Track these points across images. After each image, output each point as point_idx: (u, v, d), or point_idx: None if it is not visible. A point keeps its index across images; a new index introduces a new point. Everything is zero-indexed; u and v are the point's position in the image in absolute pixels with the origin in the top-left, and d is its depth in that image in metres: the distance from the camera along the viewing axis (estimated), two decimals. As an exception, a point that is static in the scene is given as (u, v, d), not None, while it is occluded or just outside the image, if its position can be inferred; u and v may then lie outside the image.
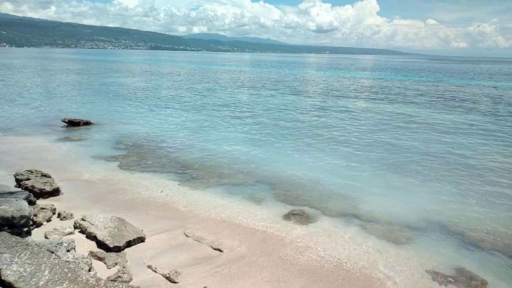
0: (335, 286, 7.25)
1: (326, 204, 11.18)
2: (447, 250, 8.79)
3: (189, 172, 13.85)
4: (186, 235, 8.98)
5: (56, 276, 4.95)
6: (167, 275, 7.13)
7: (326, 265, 7.99)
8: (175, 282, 6.99)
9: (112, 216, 8.92)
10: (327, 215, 10.55)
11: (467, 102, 33.92)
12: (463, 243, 9.14)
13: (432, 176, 13.70)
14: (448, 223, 10.04)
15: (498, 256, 8.57)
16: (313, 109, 29.06)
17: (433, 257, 8.47)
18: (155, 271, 7.32)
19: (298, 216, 10.23)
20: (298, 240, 9.02)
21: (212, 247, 8.46)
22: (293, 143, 18.34)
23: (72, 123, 21.25)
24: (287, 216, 10.30)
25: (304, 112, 27.95)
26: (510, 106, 30.63)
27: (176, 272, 7.22)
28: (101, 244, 8.00)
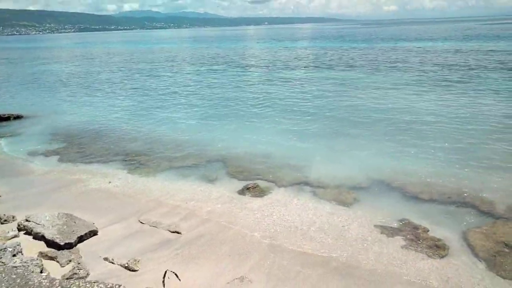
0: (293, 249, 7.59)
1: (278, 175, 11.49)
2: (391, 205, 9.50)
3: (137, 159, 13.45)
4: (141, 222, 8.83)
5: (3, 284, 4.68)
6: (126, 265, 7.03)
7: (283, 232, 8.31)
8: (135, 271, 6.92)
9: (59, 213, 8.49)
10: (280, 185, 10.87)
11: (399, 63, 35.81)
12: (405, 196, 9.92)
13: (373, 136, 14.52)
14: (390, 179, 10.79)
15: (435, 205, 9.42)
16: (256, 82, 29.16)
17: (379, 213, 9.13)
18: (112, 263, 7.17)
19: (252, 190, 10.43)
20: (255, 212, 9.25)
21: (169, 231, 8.42)
22: (240, 119, 18.39)
23: (1, 119, 19.50)
24: (242, 191, 10.46)
25: (247, 86, 27.95)
26: (437, 65, 32.86)
27: (135, 260, 7.13)
28: (50, 243, 7.63)
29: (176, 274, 6.69)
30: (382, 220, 8.78)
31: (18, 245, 6.82)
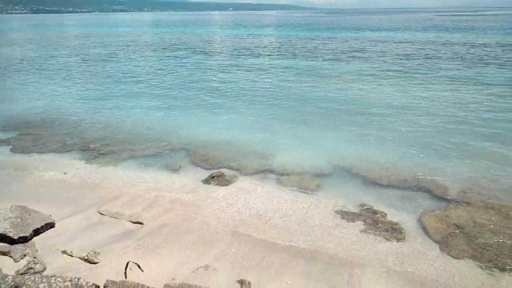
0: (258, 236, 7.67)
1: (243, 163, 11.50)
2: (352, 191, 9.81)
3: (96, 148, 12.95)
4: (101, 214, 8.56)
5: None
6: (86, 257, 6.80)
7: (248, 219, 8.36)
8: (95, 263, 6.72)
9: (12, 206, 8.04)
10: (245, 173, 10.89)
11: (360, 52, 36.67)
12: (365, 182, 10.26)
13: (335, 124, 14.85)
14: (351, 166, 11.11)
15: (393, 190, 9.83)
16: (221, 69, 28.82)
17: (341, 198, 9.40)
18: (71, 256, 6.92)
19: (217, 179, 10.37)
20: (220, 201, 9.23)
21: (131, 221, 8.23)
22: (203, 106, 18.15)
23: None
24: (206, 180, 10.37)
25: (211, 73, 27.58)
26: (397, 54, 33.95)
27: (95, 253, 6.92)
28: (3, 238, 7.21)
29: (138, 265, 6.57)
30: (343, 206, 9.06)
31: (-35, 241, 6.41)
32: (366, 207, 8.97)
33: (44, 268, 6.47)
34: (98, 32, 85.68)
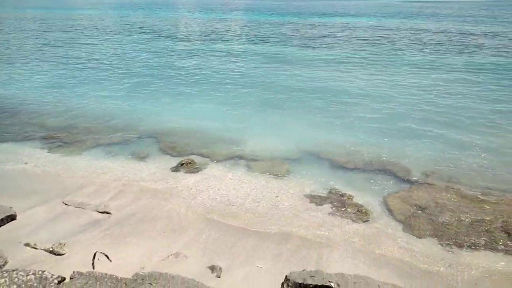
0: (228, 222, 7.70)
1: (214, 150, 11.43)
2: (320, 174, 10.00)
3: (58, 136, 12.43)
4: (66, 204, 8.28)
5: None
6: (51, 249, 6.59)
7: (218, 206, 8.37)
8: (61, 254, 6.52)
9: (-33, 199, 7.62)
10: (215, 160, 10.84)
11: (328, 38, 36.95)
12: (332, 166, 10.50)
13: (303, 110, 14.99)
14: (319, 150, 11.31)
15: (359, 173, 10.12)
16: (188, 54, 28.22)
17: (310, 182, 9.58)
18: (35, 248, 6.67)
19: (187, 166, 10.27)
20: (190, 188, 9.17)
21: (98, 211, 8.03)
22: (171, 92, 17.77)
23: None
24: (176, 168, 10.24)
25: (179, 57, 26.95)
26: (363, 40, 34.50)
27: (61, 244, 6.71)
28: (-42, 233, 6.86)
29: (106, 255, 6.45)
30: (312, 190, 9.25)
31: None
32: (334, 191, 9.20)
33: (5, 262, 6.21)
34: (58, 14, 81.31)
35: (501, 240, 7.23)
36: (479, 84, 18.26)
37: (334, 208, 8.41)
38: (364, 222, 7.89)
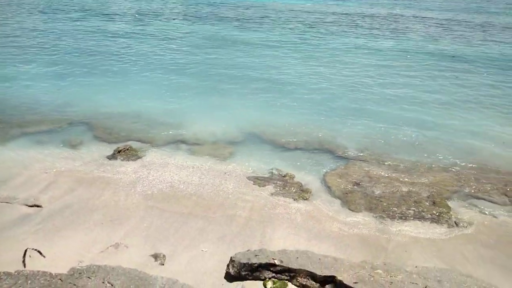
0: (171, 208, 7.55)
1: (153, 135, 11.05)
2: (263, 156, 10.14)
3: (-24, 125, 11.21)
4: (-11, 200, 7.56)
5: None
6: (-28, 250, 6.00)
7: (160, 192, 8.16)
8: (-15, 255, 5.97)
9: None
10: (155, 145, 10.50)
11: (266, 19, 37.01)
12: (274, 147, 10.68)
13: (244, 92, 14.94)
14: (261, 132, 11.41)
15: (300, 153, 10.41)
16: (122, 34, 26.61)
17: (253, 164, 9.68)
18: (-47, 251, 6.04)
19: (124, 153, 9.82)
20: (129, 175, 8.81)
21: (27, 205, 7.43)
22: (104, 74, 16.68)
23: None
24: (113, 155, 9.75)
25: (111, 38, 25.31)
26: (301, 23, 35.04)
27: (-16, 244, 6.14)
28: None
29: (39, 251, 6.04)
30: (255, 171, 9.36)
31: None
32: (276, 171, 9.39)
33: None
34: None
35: (428, 210, 7.91)
36: (408, 66, 19.49)
37: (276, 188, 8.61)
38: (305, 200, 8.18)
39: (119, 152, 9.78)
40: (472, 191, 8.71)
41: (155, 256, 6.14)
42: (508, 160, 10.08)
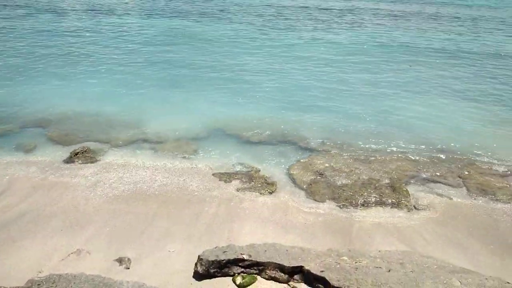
0: (135, 209, 7.35)
1: (112, 135, 10.68)
2: (228, 151, 10.09)
3: None
4: None
5: None
6: None
7: (123, 194, 7.92)
8: None
9: None
10: (116, 146, 10.16)
11: (224, 12, 36.66)
12: (239, 142, 10.66)
13: (205, 87, 14.74)
14: (225, 127, 11.34)
15: (264, 146, 10.45)
16: (75, 31, 25.40)
17: (218, 160, 9.63)
18: None
19: (82, 155, 9.41)
20: (89, 178, 8.48)
21: (-23, 216, 6.97)
22: (57, 74, 15.78)
23: None
24: (70, 159, 9.31)
25: (63, 33, 24.02)
26: (259, 15, 35.03)
27: None
28: None
29: (-8, 265, 5.68)
30: (220, 167, 9.31)
31: None
32: (242, 166, 9.39)
33: None
34: None
35: (388, 196, 8.22)
36: (365, 57, 20.05)
37: (242, 183, 8.60)
38: (271, 193, 8.24)
39: (76, 154, 9.36)
40: (429, 175, 9.15)
41: (120, 260, 5.96)
42: (461, 143, 10.67)
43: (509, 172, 9.39)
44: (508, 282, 5.17)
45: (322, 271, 5.45)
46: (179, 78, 15.78)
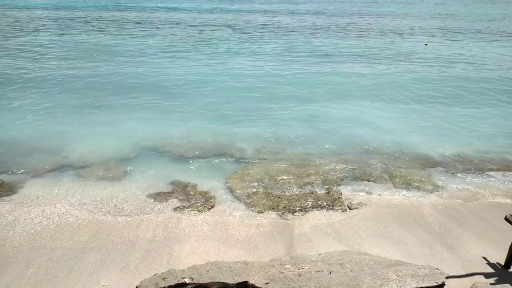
0: (62, 245, 6.72)
1: (30, 164, 9.71)
2: (161, 170, 9.70)
3: None
4: None
5: None
6: None
7: (47, 229, 7.19)
8: None
9: None
10: (34, 176, 9.25)
11: (151, 25, 35.65)
12: (172, 159, 10.32)
13: (131, 105, 14.13)
14: (156, 145, 10.91)
15: (199, 161, 10.24)
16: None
17: (151, 180, 9.20)
18: None
19: (-5, 189, 8.42)
20: (5, 216, 7.57)
21: None
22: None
23: None
24: (-22, 194, 8.28)
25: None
26: (192, 26, 34.61)
27: None
28: None
29: None
30: (154, 187, 8.91)
31: None
32: (178, 183, 9.09)
33: None
34: None
35: (323, 198, 8.51)
36: (289, 65, 20.77)
37: (179, 201, 8.34)
38: (209, 209, 8.08)
39: (-13, 190, 8.33)
40: (359, 175, 9.67)
41: (48, 305, 5.39)
42: (385, 142, 11.47)
43: (430, 165, 10.29)
44: (437, 268, 5.59)
45: (266, 283, 5.42)
46: (100, 97, 14.89)
